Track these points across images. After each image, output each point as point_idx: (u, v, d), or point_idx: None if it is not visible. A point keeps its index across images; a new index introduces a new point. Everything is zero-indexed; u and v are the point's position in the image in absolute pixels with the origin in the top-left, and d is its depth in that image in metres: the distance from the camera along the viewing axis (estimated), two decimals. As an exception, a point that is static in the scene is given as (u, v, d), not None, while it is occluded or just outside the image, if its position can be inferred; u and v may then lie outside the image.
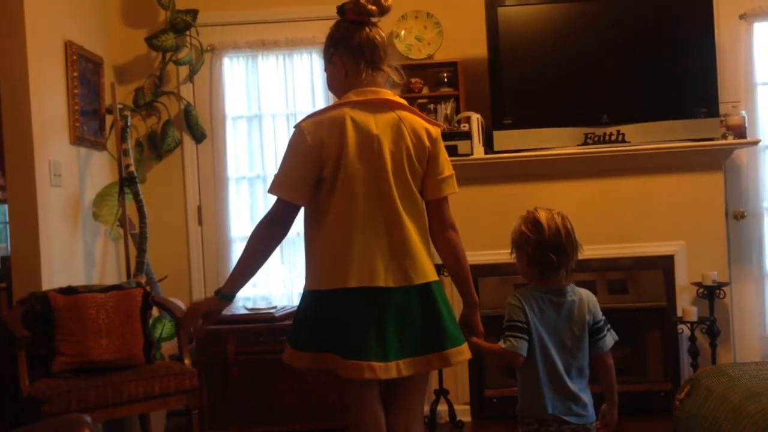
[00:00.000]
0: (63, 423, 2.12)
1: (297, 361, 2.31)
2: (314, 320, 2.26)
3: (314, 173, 2.23)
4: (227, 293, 2.29)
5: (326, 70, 2.40)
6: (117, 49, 4.53)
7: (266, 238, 2.29)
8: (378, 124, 2.24)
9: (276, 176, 2.28)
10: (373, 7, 2.28)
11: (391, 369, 2.17)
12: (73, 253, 3.92)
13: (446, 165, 2.33)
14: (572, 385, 2.28)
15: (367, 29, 2.30)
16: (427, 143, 2.28)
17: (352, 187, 2.21)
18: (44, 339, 3.34)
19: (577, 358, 2.30)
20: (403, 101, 2.34)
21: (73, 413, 2.56)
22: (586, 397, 2.31)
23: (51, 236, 3.66)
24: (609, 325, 2.37)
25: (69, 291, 3.49)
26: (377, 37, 2.31)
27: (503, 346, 2.27)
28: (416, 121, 2.30)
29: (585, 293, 2.36)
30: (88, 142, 4.12)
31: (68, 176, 3.90)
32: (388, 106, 2.28)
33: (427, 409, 4.06)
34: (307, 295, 2.31)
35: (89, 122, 4.14)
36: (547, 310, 2.30)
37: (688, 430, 2.66)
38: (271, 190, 2.27)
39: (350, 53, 2.30)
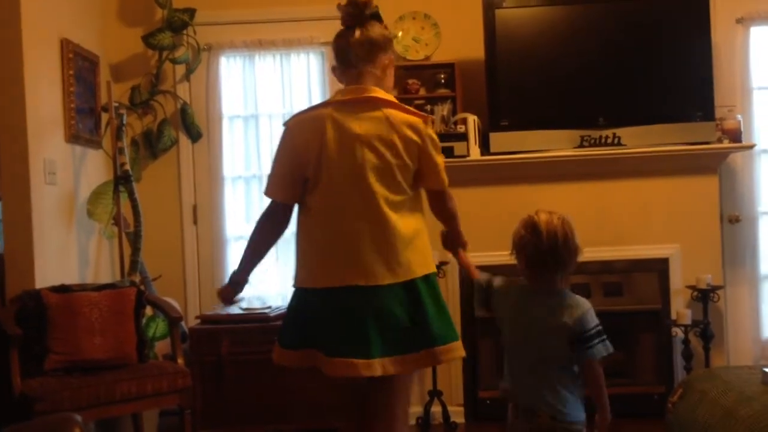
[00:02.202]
0: (54, 422, 2.12)
1: (284, 359, 2.35)
2: (299, 318, 2.30)
3: (300, 172, 2.29)
4: (236, 280, 2.50)
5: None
6: (113, 47, 4.52)
7: (264, 232, 2.42)
8: (362, 122, 2.26)
9: (269, 177, 2.37)
10: (351, 9, 2.33)
11: (374, 366, 2.19)
12: (67, 252, 3.91)
13: (438, 157, 2.36)
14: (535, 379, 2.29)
15: (357, 31, 2.33)
16: (416, 138, 2.29)
17: (333, 186, 2.25)
18: (37, 337, 3.33)
19: (544, 356, 2.30)
20: (390, 98, 2.35)
21: (65, 412, 2.55)
22: (563, 395, 2.31)
23: (45, 234, 3.65)
24: (604, 336, 2.35)
25: (62, 289, 3.47)
26: (365, 36, 2.33)
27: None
28: (403, 117, 2.31)
29: (579, 301, 2.35)
30: (84, 140, 4.11)
31: (63, 174, 3.89)
32: (374, 104, 2.30)
33: (420, 410, 4.06)
34: (294, 293, 2.38)
35: (85, 120, 4.13)
36: (530, 305, 2.31)
37: (681, 434, 2.66)
38: (266, 192, 2.37)
39: (338, 56, 2.38)
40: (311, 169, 2.27)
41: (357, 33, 2.32)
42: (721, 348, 4.22)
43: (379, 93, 2.33)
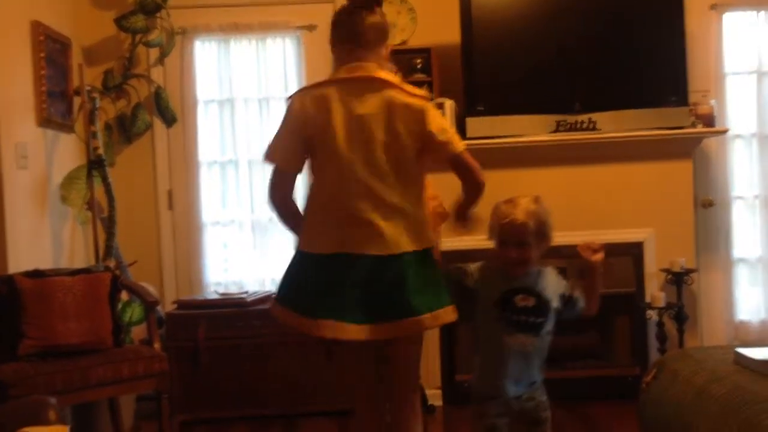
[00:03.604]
0: (27, 405, 2.10)
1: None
2: (305, 281, 2.38)
3: (302, 143, 2.36)
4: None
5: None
6: (85, 29, 4.45)
7: (280, 205, 2.45)
8: (364, 103, 2.32)
9: (269, 144, 2.41)
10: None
11: (348, 330, 2.29)
12: (40, 237, 3.87)
13: (440, 130, 2.38)
14: None
15: (372, 14, 2.40)
16: (412, 116, 2.33)
17: (331, 159, 2.33)
18: (10, 322, 3.29)
19: None
20: (392, 78, 2.39)
21: (38, 395, 2.52)
22: None
23: (17, 219, 3.60)
24: None
25: (36, 274, 3.43)
26: (379, 21, 2.42)
27: None
28: (403, 99, 2.35)
29: None
30: (56, 124, 4.05)
31: (35, 158, 3.83)
32: (376, 85, 2.35)
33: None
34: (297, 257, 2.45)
35: (56, 104, 4.07)
36: None
37: (654, 413, 2.69)
38: (265, 158, 2.41)
39: (345, 34, 2.41)
40: (314, 141, 2.34)
41: (372, 16, 2.39)
42: (695, 330, 4.28)
43: (382, 74, 2.37)
